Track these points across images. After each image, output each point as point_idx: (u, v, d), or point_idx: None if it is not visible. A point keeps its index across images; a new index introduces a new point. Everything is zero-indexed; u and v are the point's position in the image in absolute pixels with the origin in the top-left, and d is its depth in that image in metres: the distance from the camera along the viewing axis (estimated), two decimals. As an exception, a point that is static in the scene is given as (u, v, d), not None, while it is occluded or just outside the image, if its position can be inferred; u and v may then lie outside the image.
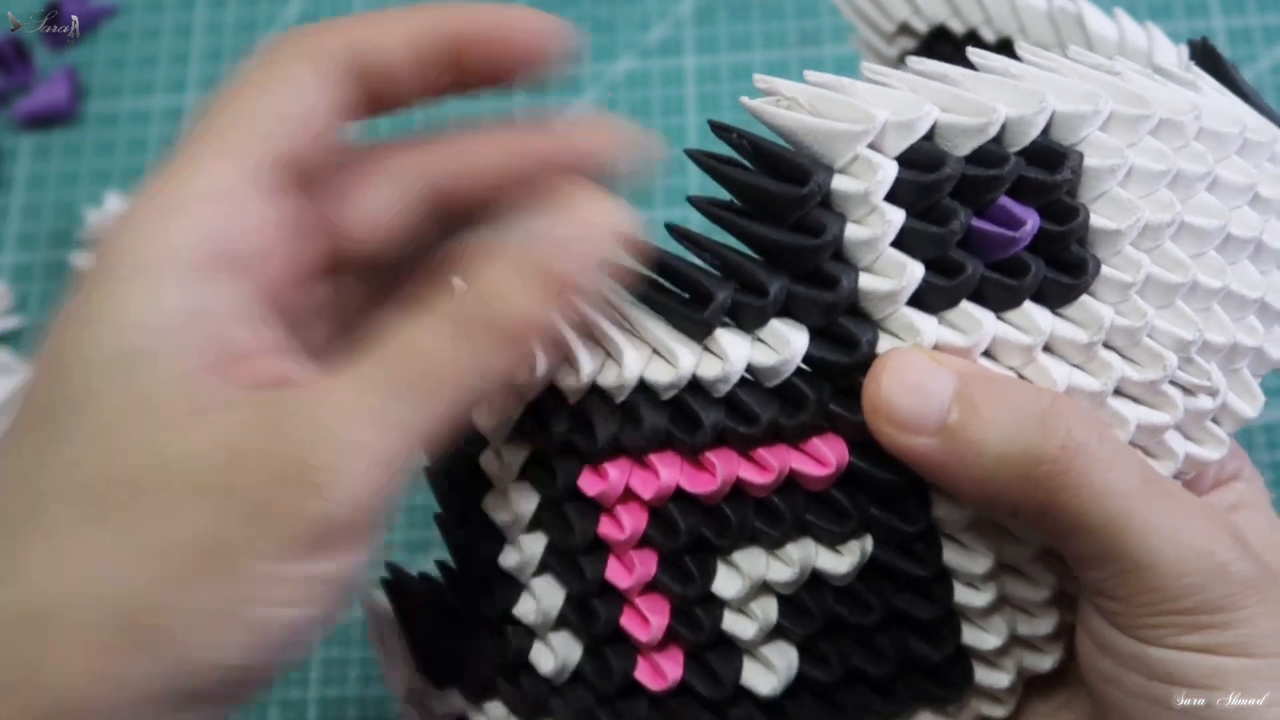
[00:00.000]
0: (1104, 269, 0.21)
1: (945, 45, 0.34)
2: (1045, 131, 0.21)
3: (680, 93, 0.50)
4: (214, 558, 0.17)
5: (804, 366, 0.21)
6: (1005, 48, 0.32)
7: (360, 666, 0.43)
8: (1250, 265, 0.22)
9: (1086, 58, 0.23)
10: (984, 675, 0.23)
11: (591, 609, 0.22)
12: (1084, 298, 0.21)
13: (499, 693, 0.24)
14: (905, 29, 0.34)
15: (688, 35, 0.51)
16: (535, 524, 0.23)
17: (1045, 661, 0.23)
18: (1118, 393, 0.21)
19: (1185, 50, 0.27)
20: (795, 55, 0.49)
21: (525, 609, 0.23)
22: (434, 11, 0.22)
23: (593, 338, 0.22)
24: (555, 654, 0.23)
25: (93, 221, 0.50)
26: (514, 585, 0.23)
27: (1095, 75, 0.22)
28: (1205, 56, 0.25)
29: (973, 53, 0.22)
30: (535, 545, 0.23)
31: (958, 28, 0.33)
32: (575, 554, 0.22)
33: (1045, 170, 0.21)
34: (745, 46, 0.50)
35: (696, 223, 0.23)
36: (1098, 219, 0.21)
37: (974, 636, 0.23)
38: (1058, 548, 0.20)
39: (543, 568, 0.23)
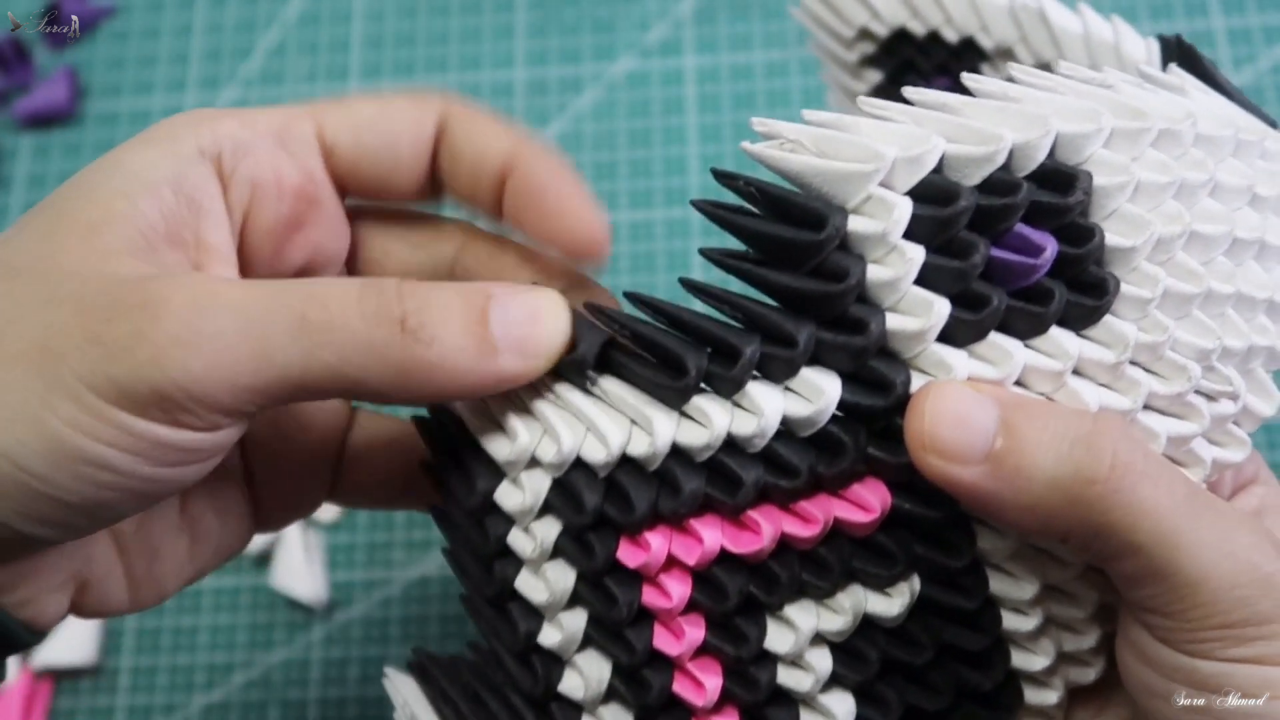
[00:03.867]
0: (1123, 287, 0.21)
1: (906, 47, 0.34)
2: (1051, 154, 0.21)
3: (680, 93, 0.49)
4: (43, 354, 0.19)
5: (836, 413, 0.20)
6: (969, 47, 0.32)
7: (360, 666, 0.43)
8: (1256, 265, 0.23)
9: (1078, 72, 0.23)
10: (1033, 695, 0.23)
11: (642, 679, 0.22)
12: (1107, 318, 0.21)
13: (548, 771, 0.23)
14: (865, 34, 0.34)
15: (688, 35, 0.50)
16: (574, 600, 0.22)
17: (1089, 674, 0.23)
18: (1146, 407, 0.21)
19: (1154, 44, 0.28)
20: (795, 55, 0.49)
21: (571, 685, 0.22)
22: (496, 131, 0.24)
23: (613, 406, 0.21)
24: (607, 728, 0.22)
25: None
26: (557, 663, 0.23)
27: (1090, 91, 0.22)
28: (1184, 55, 0.25)
29: (968, 78, 0.22)
30: (576, 621, 0.22)
31: (918, 29, 0.33)
32: (620, 627, 0.22)
33: (1057, 193, 0.20)
34: (745, 46, 0.50)
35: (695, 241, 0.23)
36: (1112, 237, 0.21)
37: (1023, 659, 0.23)
38: (1105, 568, 0.20)
39: (585, 642, 0.22)
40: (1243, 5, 0.48)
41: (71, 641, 0.43)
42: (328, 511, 0.45)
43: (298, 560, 0.43)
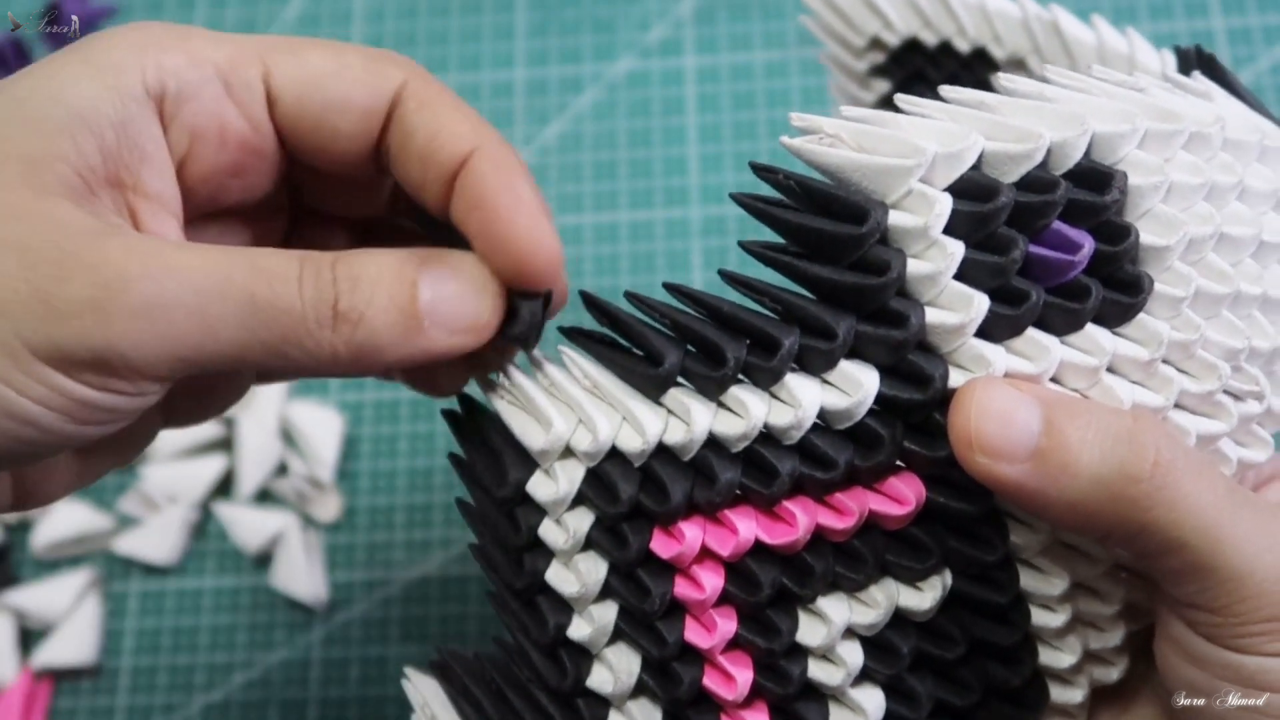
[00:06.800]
0: (1157, 285, 0.21)
1: (917, 57, 0.34)
2: (1087, 153, 0.21)
3: (680, 93, 0.50)
4: None
5: (873, 406, 0.20)
6: (980, 58, 0.33)
7: (360, 666, 0.43)
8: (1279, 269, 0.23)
9: (1109, 75, 0.23)
10: (1059, 693, 0.23)
11: (672, 673, 0.22)
12: (1141, 315, 0.21)
13: (572, 767, 0.23)
14: (875, 43, 0.34)
15: (688, 35, 0.51)
16: (605, 592, 0.22)
17: (1113, 673, 0.23)
18: (1176, 406, 0.22)
19: (1169, 55, 0.28)
20: (795, 55, 0.50)
21: (600, 680, 0.22)
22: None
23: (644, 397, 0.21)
24: (634, 723, 0.22)
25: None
26: (585, 657, 0.22)
27: (1123, 93, 0.22)
28: (1204, 63, 0.26)
29: (1002, 77, 0.22)
30: (607, 614, 0.22)
31: (930, 39, 0.33)
32: (651, 619, 0.21)
33: (1094, 192, 0.21)
34: (745, 46, 0.50)
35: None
36: (1146, 236, 0.21)
37: (1050, 656, 0.23)
38: (1146, 566, 0.21)
39: (615, 635, 0.22)
40: (1243, 5, 0.48)
41: (71, 641, 0.43)
42: (328, 511, 0.45)
43: (298, 560, 0.43)
